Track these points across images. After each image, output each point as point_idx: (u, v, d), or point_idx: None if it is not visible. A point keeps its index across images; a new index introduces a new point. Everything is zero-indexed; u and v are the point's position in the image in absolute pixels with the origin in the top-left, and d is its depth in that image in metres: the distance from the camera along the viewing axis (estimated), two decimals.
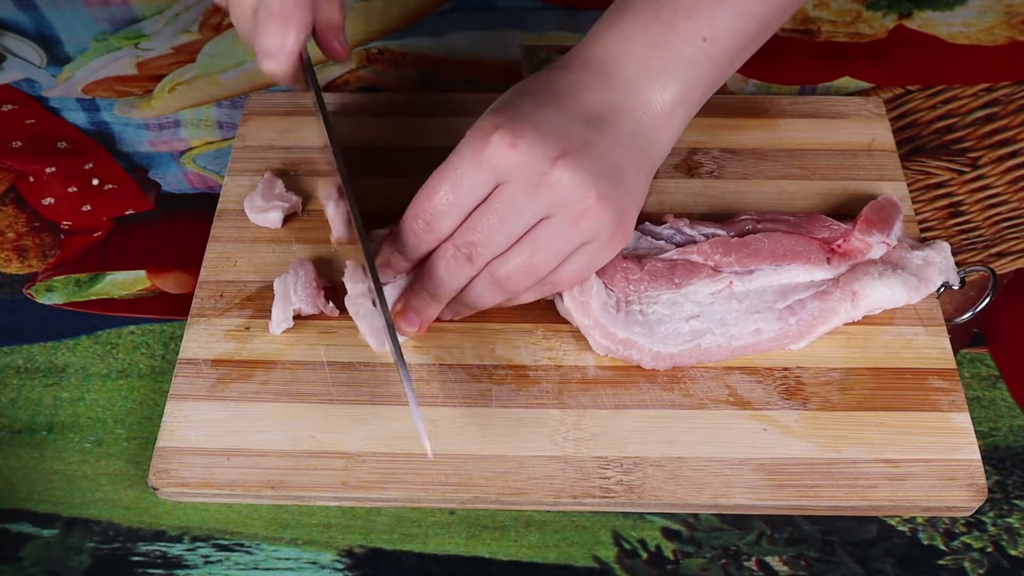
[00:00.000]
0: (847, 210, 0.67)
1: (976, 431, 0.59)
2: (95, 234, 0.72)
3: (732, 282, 0.61)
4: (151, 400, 0.63)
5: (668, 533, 0.58)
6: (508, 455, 0.57)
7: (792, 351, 0.61)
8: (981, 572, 0.57)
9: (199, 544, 0.58)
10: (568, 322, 0.62)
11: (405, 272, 0.60)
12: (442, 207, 0.56)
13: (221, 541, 0.58)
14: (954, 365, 0.61)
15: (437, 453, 0.57)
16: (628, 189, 0.56)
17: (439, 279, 0.58)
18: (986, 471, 0.59)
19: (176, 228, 0.72)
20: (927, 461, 0.57)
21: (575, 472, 0.57)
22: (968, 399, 0.61)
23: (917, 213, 0.71)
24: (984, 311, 0.64)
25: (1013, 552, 0.57)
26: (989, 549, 0.57)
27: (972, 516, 0.58)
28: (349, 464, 0.57)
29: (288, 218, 0.68)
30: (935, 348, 0.62)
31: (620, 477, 0.57)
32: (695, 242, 0.63)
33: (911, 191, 0.72)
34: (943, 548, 0.57)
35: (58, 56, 0.81)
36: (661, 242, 0.63)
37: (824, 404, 0.59)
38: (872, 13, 0.84)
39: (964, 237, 0.71)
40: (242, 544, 0.58)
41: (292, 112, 0.74)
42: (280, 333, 0.62)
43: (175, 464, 0.57)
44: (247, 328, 0.63)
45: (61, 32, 0.83)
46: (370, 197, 0.65)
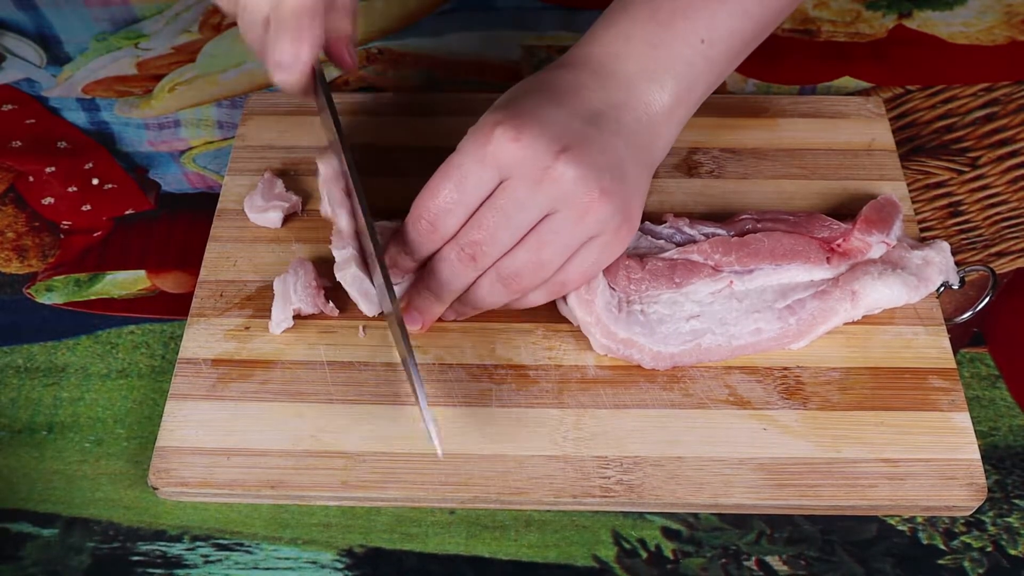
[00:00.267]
0: (847, 210, 0.67)
1: (976, 431, 0.59)
2: (95, 234, 0.72)
3: (732, 281, 0.61)
4: (151, 400, 0.63)
5: (668, 533, 0.58)
6: (508, 455, 0.57)
7: (792, 351, 0.61)
8: (981, 572, 0.57)
9: (199, 544, 0.58)
10: (568, 322, 0.62)
11: (412, 272, 0.60)
12: (446, 205, 0.56)
13: (221, 541, 0.58)
14: (954, 365, 0.61)
15: (437, 453, 0.57)
16: (631, 183, 0.56)
17: (443, 279, 0.57)
18: (986, 471, 0.59)
19: (176, 228, 0.72)
20: (927, 461, 0.57)
21: (575, 472, 0.57)
22: (968, 399, 0.61)
23: (917, 213, 0.71)
24: (984, 311, 0.64)
25: (1013, 552, 0.57)
26: (989, 549, 0.57)
27: (972, 516, 0.58)
28: (349, 464, 0.57)
29: (288, 218, 0.68)
30: (935, 348, 0.62)
31: (620, 477, 0.57)
32: (695, 241, 0.63)
33: (911, 191, 0.72)
34: (943, 548, 0.57)
35: (58, 56, 0.81)
36: (661, 241, 0.63)
37: (824, 404, 0.59)
38: (872, 13, 0.84)
39: (964, 237, 0.71)
40: (242, 544, 0.58)
41: (292, 112, 0.74)
42: (280, 333, 0.62)
43: (175, 464, 0.57)
44: (247, 328, 0.63)
45: (61, 32, 0.82)
46: (370, 197, 0.65)
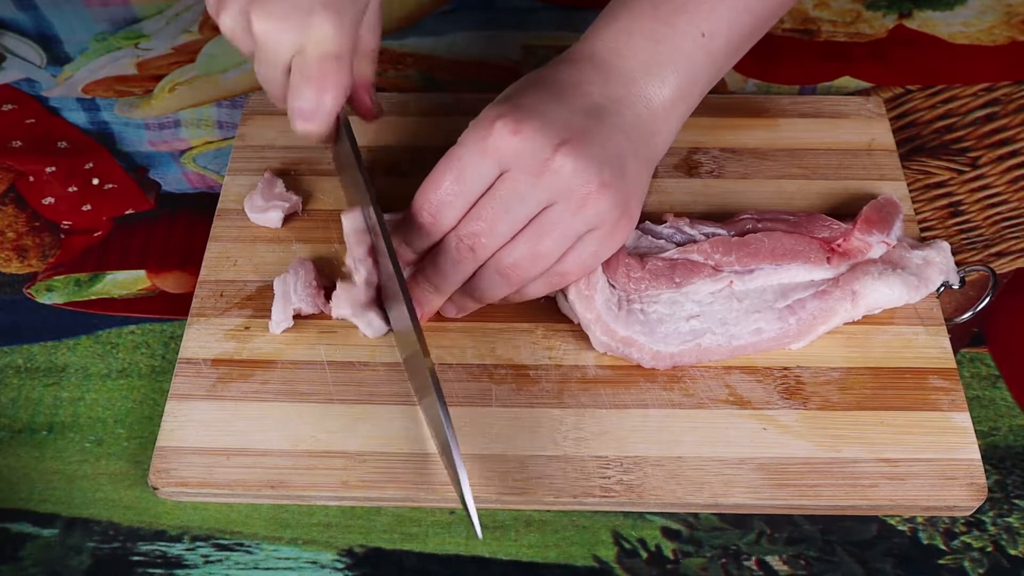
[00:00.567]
0: (847, 210, 0.67)
1: (976, 431, 0.59)
2: (95, 234, 0.72)
3: (732, 281, 0.61)
4: (151, 400, 0.63)
5: (668, 533, 0.58)
6: (508, 455, 0.57)
7: (792, 351, 0.61)
8: (981, 572, 0.57)
9: (199, 544, 0.58)
10: (568, 321, 0.62)
11: (413, 264, 0.60)
12: (447, 198, 0.56)
13: (221, 541, 0.58)
14: (954, 365, 0.61)
15: (437, 453, 0.57)
16: (630, 177, 0.57)
17: (442, 270, 0.58)
18: (986, 470, 0.58)
19: (176, 228, 0.72)
20: (927, 461, 0.57)
21: (575, 472, 0.57)
22: (968, 399, 0.61)
23: (917, 213, 0.71)
24: (984, 311, 0.64)
25: (1013, 552, 0.57)
26: (989, 549, 0.57)
27: (972, 516, 0.58)
28: (349, 464, 0.57)
29: (288, 218, 0.68)
30: (935, 348, 0.62)
31: (620, 476, 0.57)
32: (695, 241, 0.63)
33: (911, 191, 0.72)
34: (943, 548, 0.57)
35: (58, 56, 0.81)
36: (661, 241, 0.63)
37: (824, 404, 0.59)
38: (872, 13, 0.84)
39: (964, 237, 0.71)
40: (242, 544, 0.58)
41: None
42: (280, 333, 0.62)
43: (175, 464, 0.57)
44: (247, 328, 0.63)
45: (61, 32, 0.82)
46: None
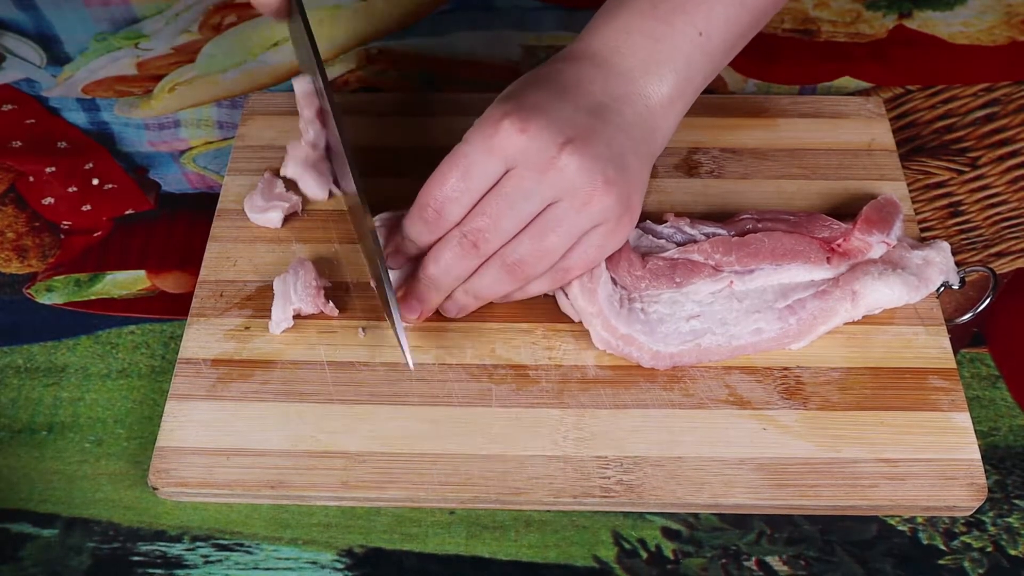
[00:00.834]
0: (847, 210, 0.67)
1: (976, 431, 0.59)
2: (95, 234, 0.72)
3: (732, 281, 0.61)
4: (151, 400, 0.63)
5: (668, 533, 0.58)
6: (508, 455, 0.57)
7: (792, 351, 0.61)
8: (981, 572, 0.57)
9: (199, 544, 0.58)
10: (568, 321, 0.62)
11: (414, 261, 0.60)
12: (453, 194, 0.56)
13: (221, 541, 0.58)
14: (954, 365, 0.61)
15: (437, 453, 0.57)
16: (632, 174, 0.57)
17: (444, 266, 0.58)
18: (986, 471, 0.58)
19: (176, 228, 0.72)
20: (927, 461, 0.57)
21: (575, 472, 0.57)
22: (968, 399, 0.61)
23: (917, 213, 0.71)
24: (984, 311, 0.64)
25: (1013, 552, 0.57)
26: (989, 549, 0.57)
27: (972, 516, 0.58)
28: (349, 464, 0.57)
29: (288, 218, 0.68)
30: (935, 348, 0.62)
31: (620, 477, 0.57)
32: (696, 241, 0.63)
33: (911, 191, 0.72)
34: (943, 548, 0.57)
35: (58, 56, 0.81)
36: (662, 240, 0.63)
37: (824, 404, 0.59)
38: (872, 13, 0.84)
39: (964, 237, 0.71)
40: (242, 544, 0.58)
41: (292, 112, 0.74)
42: (280, 333, 0.62)
43: (175, 464, 0.57)
44: (247, 328, 0.63)
45: (61, 32, 0.82)
46: (370, 197, 0.65)
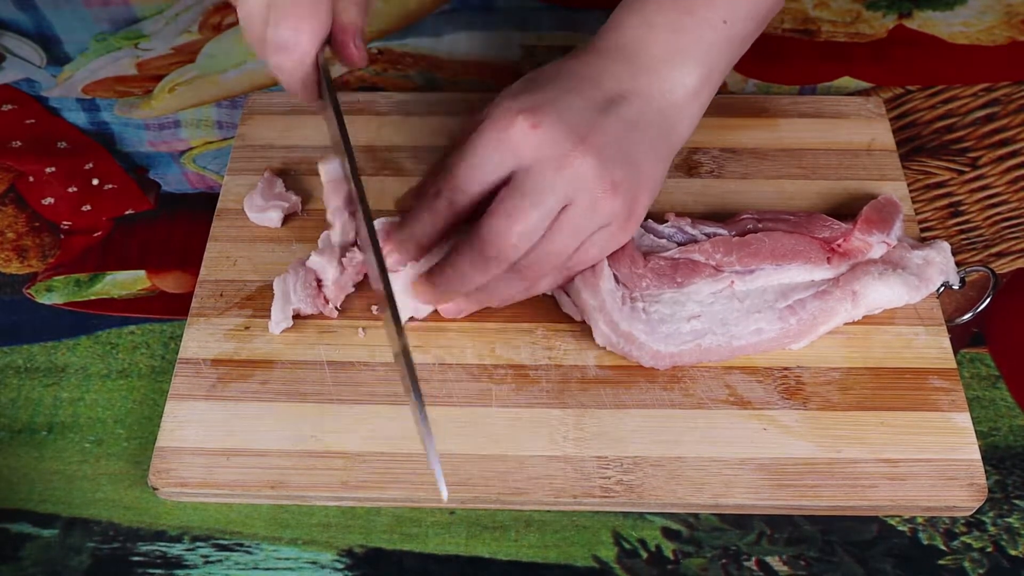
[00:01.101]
0: (847, 210, 0.67)
1: (976, 431, 0.59)
2: (95, 234, 0.72)
3: (733, 281, 0.61)
4: (151, 400, 0.63)
5: (668, 533, 0.58)
6: (508, 455, 0.57)
7: (792, 351, 0.61)
8: (981, 572, 0.57)
9: (199, 544, 0.58)
10: (568, 321, 0.62)
11: (416, 260, 0.59)
12: (461, 187, 0.56)
13: (221, 541, 0.58)
14: (954, 365, 0.61)
15: (438, 453, 0.57)
16: (643, 175, 0.57)
17: (462, 272, 0.57)
18: (986, 471, 0.59)
19: (176, 228, 0.72)
20: (927, 461, 0.57)
21: (575, 472, 0.57)
22: (968, 399, 0.61)
23: (917, 213, 0.71)
24: (984, 311, 0.64)
25: (1013, 552, 0.57)
26: (989, 549, 0.57)
27: (972, 516, 0.58)
28: (349, 464, 0.57)
29: (288, 218, 0.68)
30: (935, 348, 0.62)
31: (620, 477, 0.57)
32: (696, 241, 0.63)
33: (911, 191, 0.72)
34: (943, 548, 0.57)
35: (58, 56, 0.81)
36: (663, 240, 0.63)
37: (824, 404, 0.59)
38: (872, 13, 0.84)
39: (964, 237, 0.71)
40: (242, 544, 0.58)
41: (292, 112, 0.74)
42: (279, 333, 0.62)
43: (175, 464, 0.57)
44: (247, 328, 0.63)
45: (61, 32, 0.82)
46: (370, 197, 0.65)
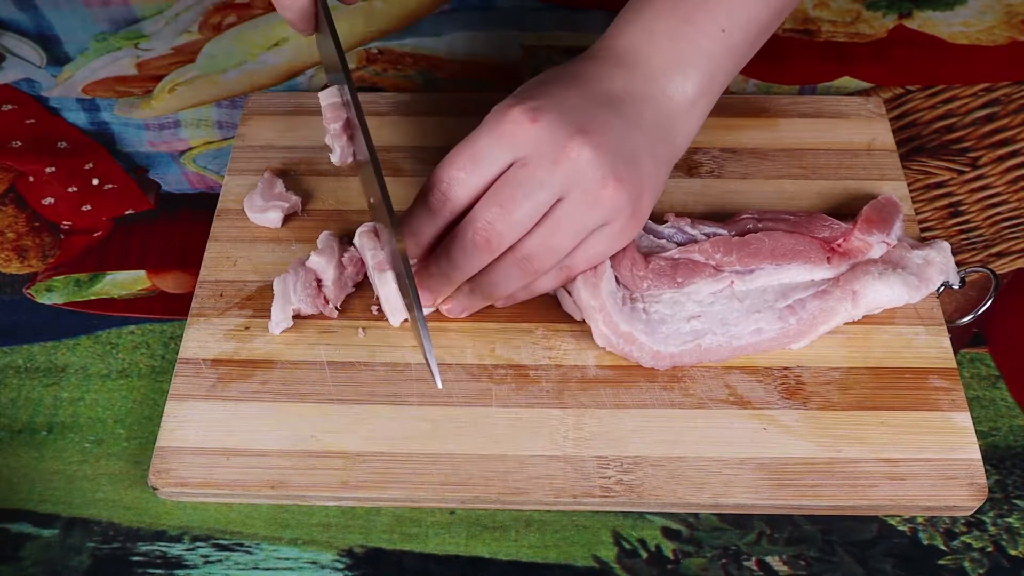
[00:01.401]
0: (847, 210, 0.67)
1: (976, 431, 0.59)
2: (95, 234, 0.72)
3: (733, 281, 0.61)
4: (151, 400, 0.63)
5: (668, 533, 0.58)
6: (508, 455, 0.57)
7: (792, 350, 0.61)
8: (981, 572, 0.57)
9: (199, 544, 0.58)
10: (568, 321, 0.62)
11: (417, 257, 0.59)
12: (460, 176, 0.56)
13: (221, 541, 0.58)
14: (954, 365, 0.61)
15: (437, 453, 0.57)
16: (645, 175, 0.57)
17: (456, 261, 0.57)
18: (986, 471, 0.59)
19: (176, 228, 0.72)
20: (927, 461, 0.57)
21: (575, 472, 0.57)
22: (968, 399, 0.61)
23: (917, 213, 0.71)
24: (984, 311, 0.64)
25: (1013, 552, 0.57)
26: (989, 549, 0.57)
27: (972, 516, 0.58)
28: (349, 464, 0.57)
29: (288, 218, 0.68)
30: (935, 348, 0.62)
31: (620, 477, 0.57)
32: (696, 241, 0.63)
33: (911, 191, 0.72)
34: (943, 548, 0.57)
35: (58, 56, 0.81)
36: (663, 241, 0.63)
37: (824, 404, 0.59)
38: (872, 13, 0.84)
39: (964, 237, 0.71)
40: (242, 544, 0.58)
41: (292, 112, 0.74)
42: (280, 333, 0.62)
43: (175, 464, 0.57)
44: (247, 328, 0.63)
45: (61, 32, 0.82)
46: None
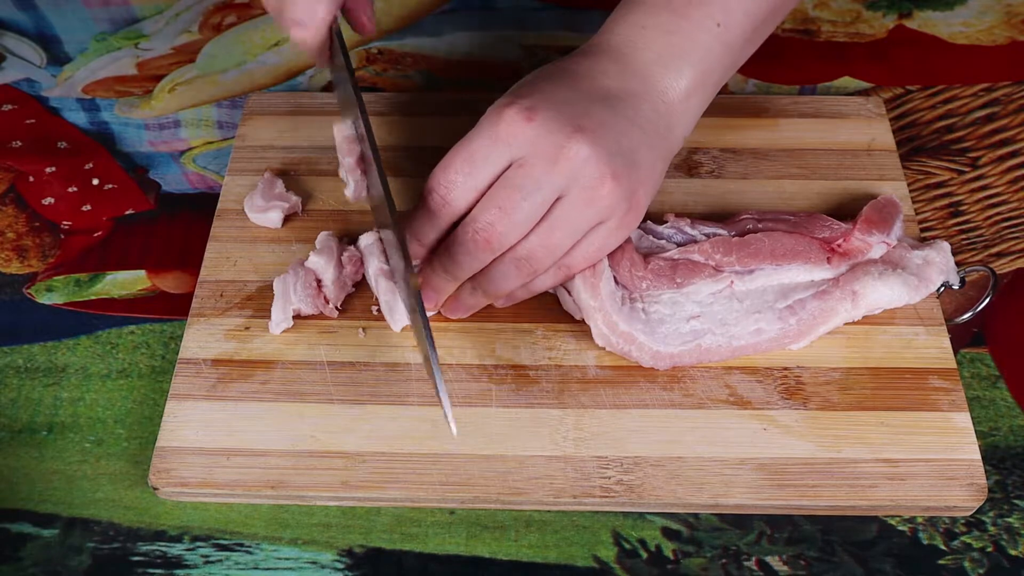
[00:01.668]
0: (847, 210, 0.67)
1: (976, 431, 0.59)
2: (95, 234, 0.72)
3: (733, 281, 0.61)
4: (151, 400, 0.63)
5: (668, 533, 0.58)
6: (508, 455, 0.57)
7: (792, 351, 0.61)
8: (981, 572, 0.57)
9: (199, 544, 0.58)
10: (568, 321, 0.62)
11: (420, 259, 0.60)
12: (458, 179, 0.56)
13: (221, 541, 0.58)
14: (954, 365, 0.61)
15: (437, 453, 0.57)
16: (642, 171, 0.57)
17: (458, 260, 0.57)
18: (986, 471, 0.59)
19: (176, 228, 0.72)
20: (927, 461, 0.57)
21: (575, 472, 0.57)
22: (968, 399, 0.61)
23: (917, 213, 0.71)
24: (984, 311, 0.64)
25: (1013, 552, 0.57)
26: (989, 549, 0.57)
27: (972, 516, 0.58)
28: (349, 464, 0.57)
29: (288, 218, 0.68)
30: (935, 348, 0.62)
31: (620, 477, 0.57)
32: (696, 241, 0.63)
33: (911, 191, 0.72)
34: (943, 548, 0.57)
35: (58, 56, 0.81)
36: (662, 241, 0.63)
37: (824, 404, 0.59)
38: (872, 13, 0.84)
39: (964, 237, 0.71)
40: (242, 544, 0.58)
41: (292, 112, 0.74)
42: (280, 333, 0.62)
43: (175, 464, 0.57)
44: (247, 328, 0.63)
45: (61, 32, 0.82)
46: None
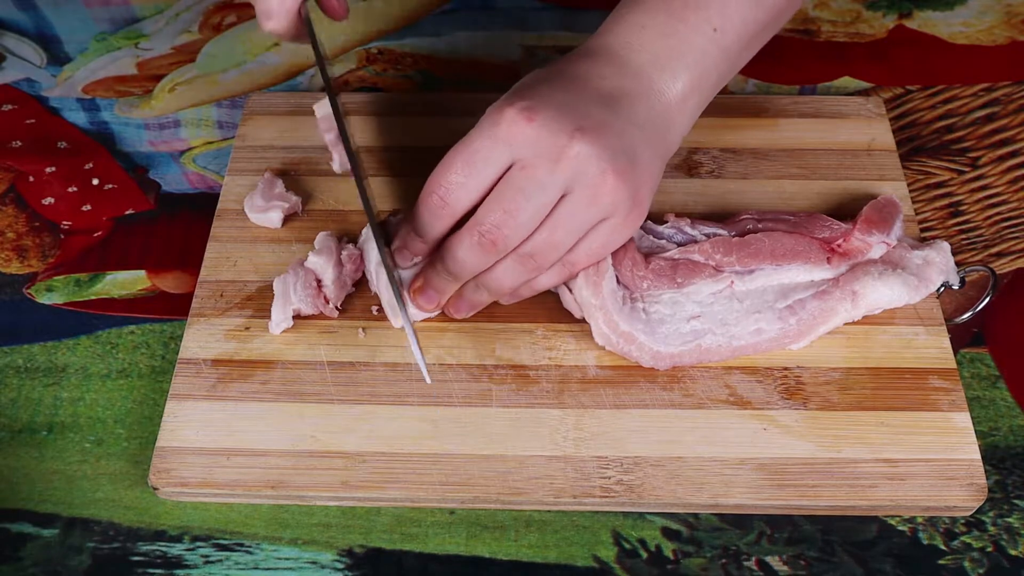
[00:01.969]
0: (847, 210, 0.67)
1: (976, 431, 0.59)
2: (95, 234, 0.72)
3: (733, 281, 0.61)
4: (151, 400, 0.63)
5: (668, 533, 0.58)
6: (508, 455, 0.57)
7: (792, 351, 0.61)
8: (981, 572, 0.57)
9: (199, 544, 0.58)
10: (568, 321, 0.62)
11: (423, 255, 0.60)
12: (458, 180, 0.56)
13: (221, 541, 0.58)
14: (954, 365, 0.61)
15: (437, 453, 0.57)
16: (642, 168, 0.57)
17: (461, 261, 0.57)
18: (986, 471, 0.59)
19: (176, 228, 0.72)
20: (927, 461, 0.57)
21: (575, 472, 0.57)
22: (968, 399, 0.61)
23: (917, 213, 0.71)
24: (984, 311, 0.64)
25: (1013, 552, 0.57)
26: (989, 549, 0.57)
27: (972, 516, 0.58)
28: (349, 464, 0.57)
29: (288, 218, 0.68)
30: (935, 348, 0.62)
31: (620, 477, 0.57)
32: (696, 241, 0.63)
33: (911, 191, 0.72)
34: (943, 548, 0.57)
35: (58, 56, 0.81)
36: (663, 241, 0.63)
37: (824, 404, 0.59)
38: (872, 13, 0.84)
39: (964, 237, 0.71)
40: (242, 544, 0.58)
41: (292, 112, 0.74)
42: (280, 333, 0.62)
43: (175, 464, 0.57)
44: (247, 328, 0.63)
45: (61, 32, 0.83)
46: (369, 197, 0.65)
